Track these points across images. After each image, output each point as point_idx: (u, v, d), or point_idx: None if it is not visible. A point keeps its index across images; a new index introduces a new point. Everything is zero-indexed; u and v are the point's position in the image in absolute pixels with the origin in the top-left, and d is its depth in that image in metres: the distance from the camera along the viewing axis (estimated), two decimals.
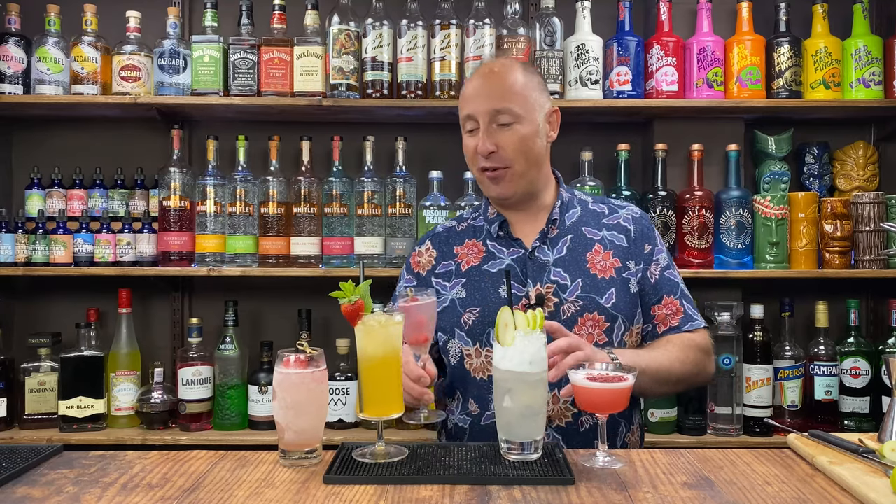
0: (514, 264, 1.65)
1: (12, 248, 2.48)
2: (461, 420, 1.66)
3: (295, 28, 2.55)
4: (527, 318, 1.26)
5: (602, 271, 1.64)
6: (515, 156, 1.61)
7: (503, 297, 1.62)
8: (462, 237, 1.75)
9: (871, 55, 2.54)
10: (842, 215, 2.51)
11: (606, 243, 1.68)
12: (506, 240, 1.70)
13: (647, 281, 1.68)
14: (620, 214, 1.74)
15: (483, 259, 1.69)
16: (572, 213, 1.72)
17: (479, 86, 1.64)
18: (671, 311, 1.68)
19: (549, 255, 1.66)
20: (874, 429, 1.46)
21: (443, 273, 1.72)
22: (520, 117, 1.61)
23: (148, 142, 2.73)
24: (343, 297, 1.28)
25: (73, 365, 2.41)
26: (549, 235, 1.68)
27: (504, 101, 1.60)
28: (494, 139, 1.60)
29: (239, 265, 2.49)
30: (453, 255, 1.73)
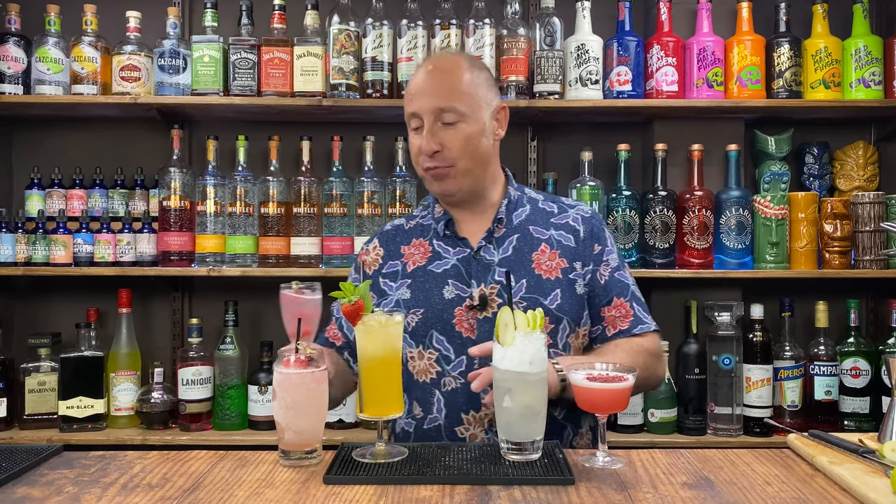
0: (459, 264, 1.61)
1: (12, 248, 2.48)
2: (406, 424, 1.61)
3: (295, 28, 2.55)
4: (527, 318, 1.26)
5: (547, 272, 1.61)
6: (460, 155, 1.58)
7: (447, 298, 1.58)
8: (410, 236, 1.71)
9: (871, 55, 2.53)
10: (842, 215, 2.51)
11: (553, 243, 1.65)
12: (451, 239, 1.65)
13: (596, 282, 1.65)
14: (570, 214, 1.70)
15: (429, 259, 1.65)
16: (520, 212, 1.69)
17: (424, 83, 1.60)
18: (621, 314, 1.65)
19: (494, 254, 1.62)
20: (874, 429, 1.46)
21: (389, 273, 1.67)
22: (465, 116, 1.57)
23: (148, 142, 2.73)
24: (343, 297, 1.28)
25: (73, 365, 2.41)
26: (494, 234, 1.64)
27: (448, 100, 1.56)
28: (438, 138, 1.56)
29: (239, 265, 2.49)
30: (400, 255, 1.68)
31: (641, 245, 2.52)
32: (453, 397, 1.56)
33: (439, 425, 1.56)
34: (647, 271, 2.50)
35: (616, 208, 2.50)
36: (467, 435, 1.55)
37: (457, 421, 1.55)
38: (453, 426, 1.55)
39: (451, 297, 1.59)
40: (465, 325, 1.57)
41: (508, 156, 2.73)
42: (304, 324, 1.35)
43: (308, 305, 1.37)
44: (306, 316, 1.35)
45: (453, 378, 1.56)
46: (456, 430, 1.55)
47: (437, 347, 1.58)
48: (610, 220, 2.51)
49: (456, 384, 1.56)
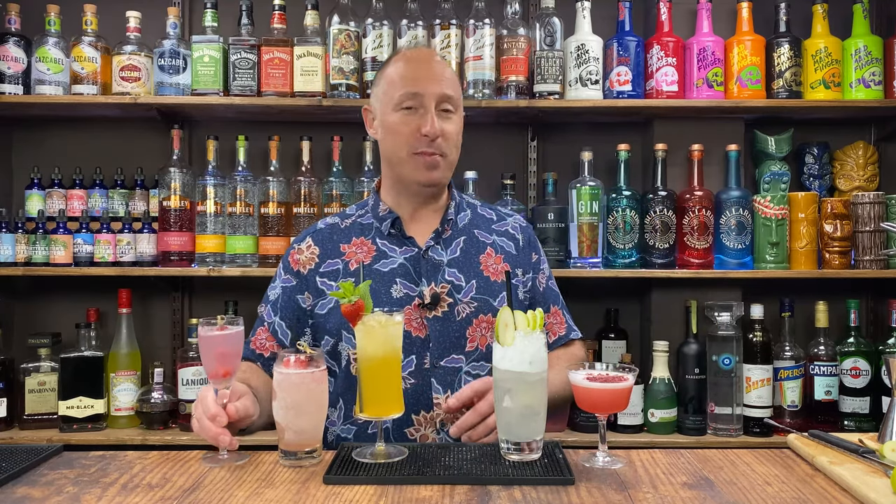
0: (407, 263, 1.60)
1: (12, 248, 2.48)
2: (344, 430, 1.58)
3: (295, 28, 2.55)
4: (527, 318, 1.26)
5: (494, 274, 1.62)
6: (453, 145, 1.60)
7: (395, 297, 1.57)
8: (348, 234, 1.66)
9: (871, 55, 2.53)
10: (842, 215, 2.51)
11: (497, 247, 1.67)
12: (398, 238, 1.63)
13: (536, 290, 1.69)
14: (508, 222, 1.73)
15: (374, 258, 1.61)
16: (464, 216, 1.70)
17: (426, 68, 1.60)
18: (557, 321, 1.71)
19: (442, 255, 1.62)
20: (874, 429, 1.46)
21: (328, 272, 1.63)
22: (458, 108, 1.61)
23: (148, 142, 2.73)
24: (343, 297, 1.28)
25: (73, 365, 2.41)
26: (443, 236, 1.64)
27: (451, 89, 1.58)
28: (439, 125, 1.56)
29: (239, 265, 2.49)
30: (340, 253, 1.63)
31: (641, 245, 2.52)
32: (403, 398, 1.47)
33: (387, 428, 1.51)
34: (647, 271, 2.50)
35: (616, 208, 2.50)
36: (417, 436, 1.53)
37: (406, 422, 1.52)
38: (402, 427, 1.52)
39: (399, 296, 1.57)
40: (415, 323, 1.55)
41: (508, 156, 2.74)
42: (227, 363, 1.30)
43: (232, 341, 1.31)
44: (230, 354, 1.31)
45: (403, 378, 1.50)
46: (406, 431, 1.53)
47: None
48: (610, 220, 2.51)
49: (406, 384, 1.52)
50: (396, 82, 1.59)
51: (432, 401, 1.53)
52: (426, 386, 1.54)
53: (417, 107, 1.56)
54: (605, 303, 2.71)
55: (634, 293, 2.75)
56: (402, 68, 1.60)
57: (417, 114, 1.56)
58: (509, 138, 2.77)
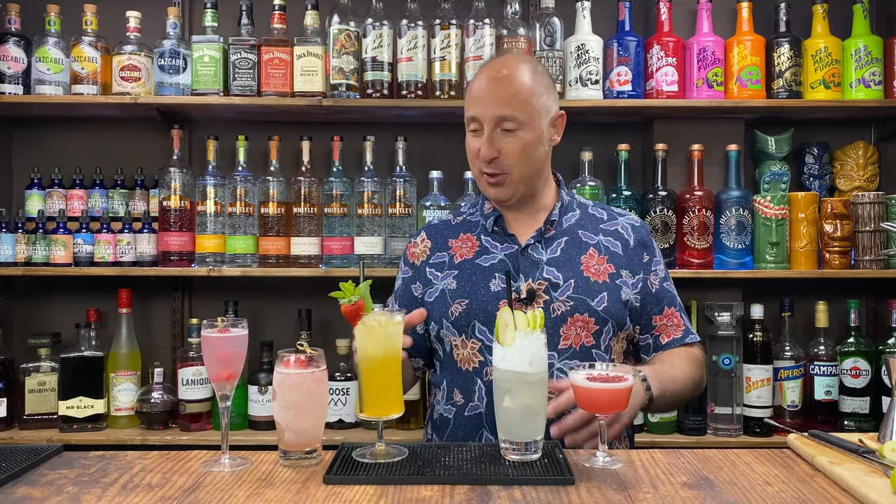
0: (507, 259, 1.65)
1: (12, 248, 2.48)
2: (446, 410, 1.66)
3: (295, 28, 2.55)
4: (527, 318, 1.26)
5: (595, 275, 1.64)
6: (516, 162, 1.61)
7: (493, 290, 1.62)
8: (457, 230, 1.75)
9: (871, 55, 2.53)
10: (842, 215, 2.51)
11: (602, 248, 1.68)
12: (500, 235, 1.69)
13: (647, 291, 1.68)
14: (619, 222, 1.74)
15: (476, 253, 1.69)
16: (570, 216, 1.72)
17: (487, 88, 1.62)
18: (673, 323, 1.69)
19: (542, 253, 1.66)
20: (874, 429, 1.46)
21: (436, 263, 1.72)
22: (523, 124, 1.59)
23: (148, 142, 2.73)
24: (343, 297, 1.28)
25: (73, 365, 2.41)
26: (545, 235, 1.68)
27: (509, 108, 1.58)
28: (497, 145, 1.60)
29: (239, 265, 2.49)
30: (447, 247, 1.73)
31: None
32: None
33: (480, 413, 1.60)
34: None
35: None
36: None
37: None
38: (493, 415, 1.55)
39: (496, 290, 1.63)
40: None
41: None
42: (230, 365, 1.31)
43: (235, 343, 1.31)
44: (232, 356, 1.31)
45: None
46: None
47: (479, 337, 1.61)
48: None
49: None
50: (467, 100, 1.66)
51: None
52: None
53: (478, 129, 1.62)
54: None
55: None
56: (473, 86, 1.66)
57: (480, 135, 1.62)
58: None
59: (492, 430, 1.57)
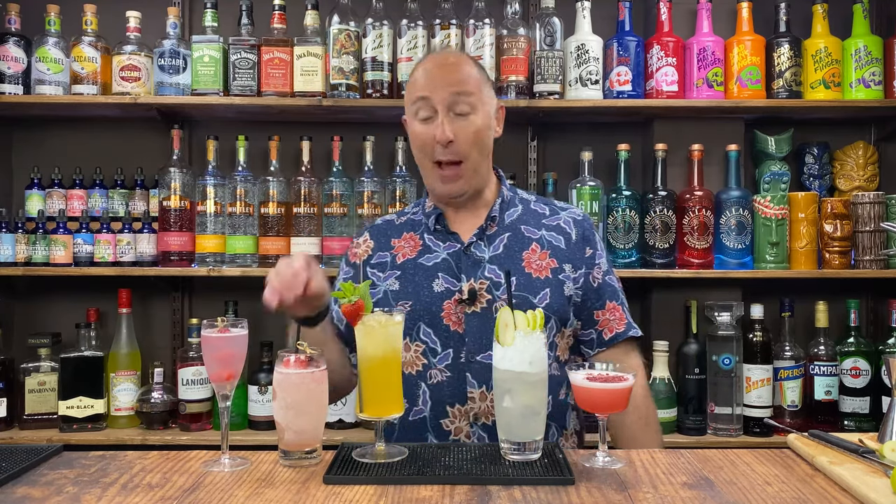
0: (450, 258, 1.62)
1: (12, 248, 2.48)
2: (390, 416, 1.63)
3: (295, 28, 2.55)
4: (527, 318, 1.26)
5: (537, 271, 1.62)
6: (470, 148, 1.59)
7: (436, 291, 1.59)
8: (401, 230, 1.72)
9: (871, 55, 2.53)
10: (842, 215, 2.51)
11: (544, 243, 1.66)
12: (442, 233, 1.66)
13: (589, 285, 1.66)
14: (561, 216, 1.71)
15: (419, 252, 1.66)
16: (512, 212, 1.70)
17: (437, 71, 1.60)
18: (615, 317, 1.67)
19: (484, 251, 1.63)
20: (874, 429, 1.46)
21: (378, 263, 1.68)
22: (475, 108, 1.59)
23: (148, 142, 2.73)
24: (343, 297, 1.28)
25: (73, 365, 2.41)
26: (486, 232, 1.65)
27: (464, 86, 1.58)
28: (453, 128, 1.57)
29: (239, 265, 2.49)
30: (390, 247, 1.69)
31: (641, 245, 2.52)
32: (439, 390, 1.56)
33: (424, 418, 1.57)
34: (647, 271, 2.50)
35: (616, 208, 2.50)
36: (452, 428, 1.56)
37: (442, 414, 1.56)
38: (438, 419, 1.56)
39: (440, 291, 1.59)
40: (454, 318, 1.58)
41: (508, 156, 2.74)
42: (230, 365, 1.30)
43: (235, 343, 1.31)
44: (232, 356, 1.31)
45: (439, 371, 1.57)
46: (441, 422, 1.56)
47: (423, 340, 1.59)
48: (610, 220, 2.51)
49: (442, 377, 1.56)
50: (411, 89, 1.63)
51: (467, 395, 1.55)
52: (461, 380, 1.56)
53: (430, 114, 1.59)
54: None
55: (634, 293, 2.75)
56: (416, 74, 1.64)
57: (433, 121, 1.59)
58: (509, 138, 2.75)
59: (436, 435, 1.56)
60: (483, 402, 1.55)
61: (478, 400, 1.55)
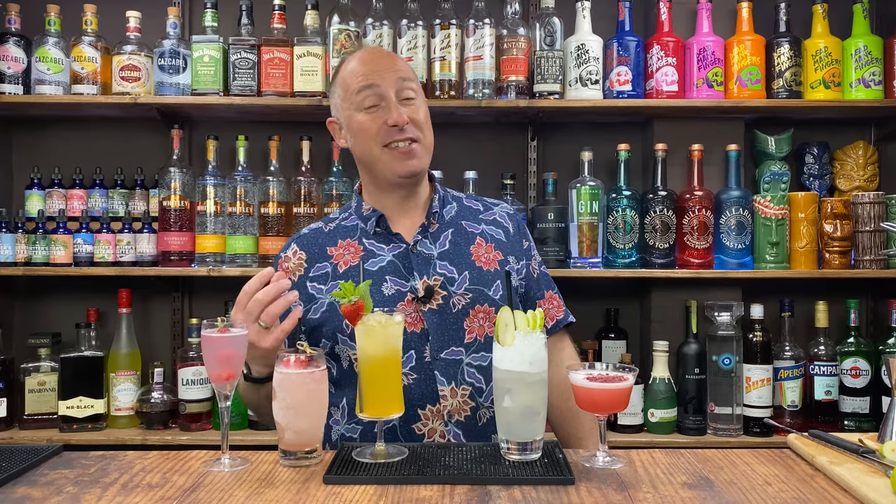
0: (396, 259, 1.59)
1: (12, 248, 2.48)
2: (349, 430, 1.56)
3: (295, 28, 2.55)
4: (527, 318, 1.26)
5: (487, 263, 1.61)
6: (423, 129, 1.59)
7: (387, 294, 1.55)
8: (333, 238, 1.65)
9: (871, 55, 2.53)
10: (842, 215, 2.51)
11: (487, 237, 1.66)
12: (384, 236, 1.62)
13: (530, 276, 1.68)
14: (495, 211, 1.72)
15: (362, 258, 1.61)
16: (450, 209, 1.69)
17: (377, 60, 1.61)
18: (554, 305, 1.70)
19: (432, 248, 1.61)
20: (874, 429, 1.46)
21: (318, 276, 1.62)
22: (418, 93, 1.60)
23: (148, 142, 2.73)
24: (343, 297, 1.28)
25: (73, 365, 2.41)
26: (429, 229, 1.63)
27: (407, 72, 1.60)
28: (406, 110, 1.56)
29: (239, 265, 2.49)
30: (327, 257, 1.62)
31: (641, 245, 2.52)
32: (408, 393, 1.49)
33: (394, 426, 1.50)
34: (647, 271, 2.50)
35: (616, 208, 2.50)
36: (426, 430, 1.52)
37: (413, 418, 1.51)
38: (410, 424, 1.51)
39: (391, 294, 1.56)
40: (410, 318, 1.54)
41: (508, 156, 2.74)
42: (230, 365, 1.30)
43: (235, 343, 1.31)
44: (232, 356, 1.31)
45: (405, 375, 1.51)
46: (413, 427, 1.51)
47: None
48: (610, 220, 2.51)
49: (408, 380, 1.51)
50: (352, 83, 1.59)
51: (438, 393, 1.52)
52: (430, 379, 1.53)
53: (378, 102, 1.57)
54: (605, 303, 2.71)
55: (634, 293, 2.75)
56: (353, 67, 1.61)
57: (380, 109, 1.57)
58: (509, 138, 2.77)
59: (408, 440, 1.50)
60: (454, 398, 1.52)
61: (449, 397, 1.52)
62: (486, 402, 1.54)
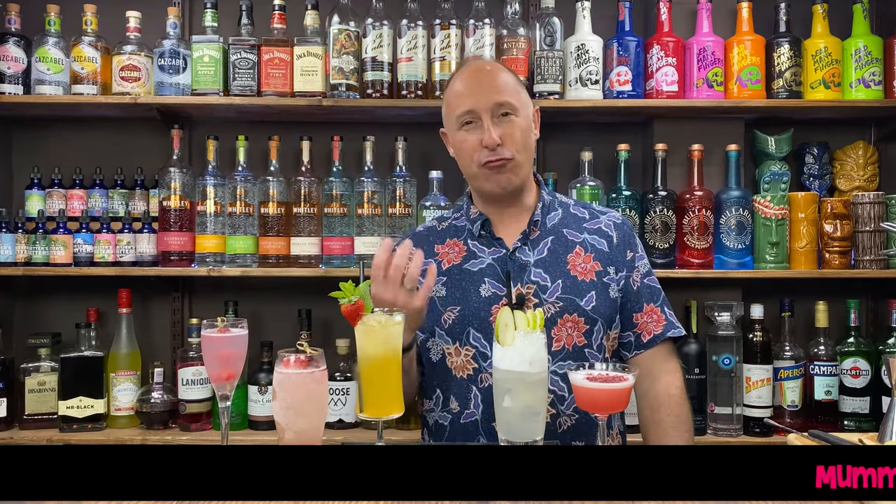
0: (495, 263, 1.65)
1: (12, 248, 2.48)
2: (441, 418, 1.66)
3: (295, 28, 2.55)
4: (527, 318, 1.26)
5: (583, 273, 1.64)
6: (518, 146, 1.62)
7: (484, 296, 1.62)
8: (443, 236, 1.75)
9: (871, 55, 2.53)
10: (842, 215, 2.51)
11: (587, 246, 1.68)
12: (487, 239, 1.69)
13: (629, 288, 1.69)
14: (601, 220, 1.74)
15: (464, 258, 1.68)
16: (553, 216, 1.72)
17: (476, 82, 1.65)
18: (653, 319, 1.69)
19: (529, 255, 1.66)
20: (874, 429, 1.46)
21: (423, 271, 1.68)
22: (517, 110, 1.63)
23: (148, 142, 2.73)
24: (343, 297, 1.28)
25: (73, 365, 2.41)
26: (530, 237, 1.68)
27: (504, 95, 1.62)
28: (499, 131, 1.61)
29: (239, 265, 2.49)
30: (434, 254, 1.72)
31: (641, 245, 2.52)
32: (489, 393, 1.55)
33: (476, 420, 1.59)
34: None
35: (616, 208, 2.50)
36: None
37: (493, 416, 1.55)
38: (490, 421, 1.57)
39: (487, 296, 1.62)
40: None
41: None
42: (230, 365, 1.31)
43: (235, 343, 1.32)
44: (232, 356, 1.31)
45: (489, 374, 1.57)
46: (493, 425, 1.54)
47: (473, 344, 1.61)
48: None
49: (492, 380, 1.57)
50: (453, 103, 1.66)
51: None
52: None
53: (475, 120, 1.62)
54: None
55: None
56: (456, 88, 1.67)
57: (477, 127, 1.62)
58: None
59: (487, 436, 1.58)
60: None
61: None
62: (567, 409, 1.58)
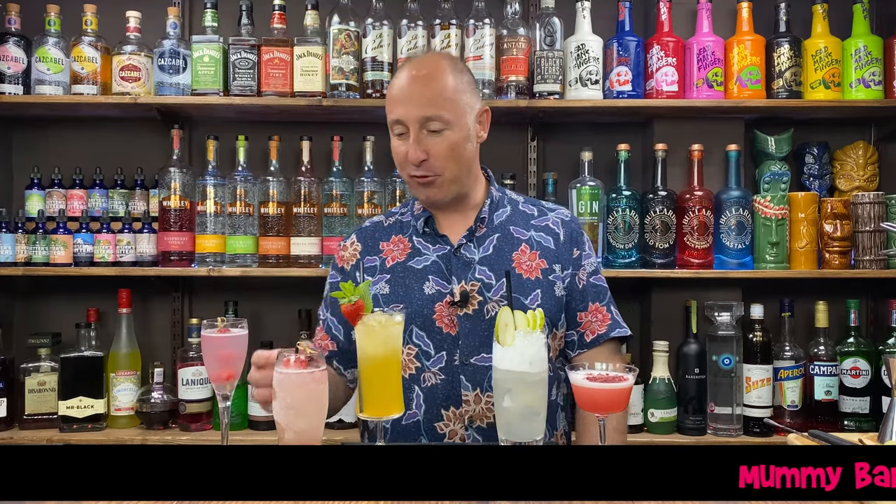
0: (439, 261, 1.62)
1: (12, 248, 2.48)
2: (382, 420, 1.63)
3: (295, 28, 2.55)
4: (527, 318, 1.26)
5: (528, 272, 1.62)
6: (445, 164, 1.57)
7: (427, 294, 1.59)
8: (389, 232, 1.71)
9: (871, 55, 2.53)
10: (842, 215, 2.51)
11: (533, 244, 1.66)
12: (431, 236, 1.66)
13: (574, 286, 1.66)
14: (549, 217, 1.72)
15: (408, 255, 1.65)
16: (501, 213, 1.70)
17: (408, 89, 1.57)
18: (597, 318, 1.67)
19: (474, 252, 1.63)
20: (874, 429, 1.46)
21: (368, 268, 1.68)
22: (450, 123, 1.56)
23: (148, 142, 2.73)
24: (343, 297, 1.28)
25: (73, 365, 2.41)
26: (476, 234, 1.65)
27: (434, 108, 1.54)
28: (425, 146, 1.55)
29: (239, 265, 2.49)
30: (379, 251, 1.69)
31: (641, 245, 2.52)
32: (432, 393, 1.56)
33: (418, 421, 1.56)
34: (647, 271, 2.50)
35: (616, 208, 2.50)
36: (447, 431, 1.55)
37: (436, 417, 1.56)
38: (432, 422, 1.56)
39: (431, 293, 1.59)
40: (446, 320, 1.58)
41: (508, 156, 2.74)
42: (230, 366, 1.30)
43: (235, 343, 1.31)
44: (232, 356, 1.31)
45: (433, 374, 1.57)
46: (435, 426, 1.56)
47: (416, 343, 1.59)
48: (610, 220, 2.51)
49: (436, 380, 1.56)
50: (387, 106, 1.61)
51: (461, 397, 1.55)
52: (455, 382, 1.56)
53: (403, 132, 1.58)
54: None
55: (634, 293, 2.75)
56: (392, 90, 1.61)
57: (406, 139, 1.58)
58: (509, 138, 2.76)
59: (430, 437, 1.55)
60: (478, 404, 1.55)
61: (472, 402, 1.55)
62: None
